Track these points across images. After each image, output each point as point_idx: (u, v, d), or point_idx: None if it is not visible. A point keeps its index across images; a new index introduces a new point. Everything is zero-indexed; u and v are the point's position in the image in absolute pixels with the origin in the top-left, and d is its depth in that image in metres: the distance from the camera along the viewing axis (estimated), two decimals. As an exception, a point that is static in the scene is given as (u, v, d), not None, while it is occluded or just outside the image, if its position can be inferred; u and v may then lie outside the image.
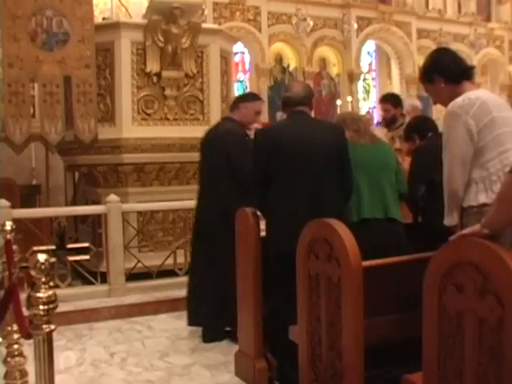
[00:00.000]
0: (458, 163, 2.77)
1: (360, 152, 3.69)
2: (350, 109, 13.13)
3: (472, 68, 3.06)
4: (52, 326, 2.17)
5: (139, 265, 5.73)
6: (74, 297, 5.39)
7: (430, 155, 3.75)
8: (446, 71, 2.96)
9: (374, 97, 16.97)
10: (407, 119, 5.95)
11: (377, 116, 15.33)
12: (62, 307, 3.17)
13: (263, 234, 3.65)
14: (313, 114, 3.88)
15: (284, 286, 3.24)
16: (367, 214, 3.60)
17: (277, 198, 3.51)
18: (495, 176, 2.72)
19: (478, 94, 2.87)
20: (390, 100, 6.30)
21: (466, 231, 2.37)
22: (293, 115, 3.66)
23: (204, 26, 6.51)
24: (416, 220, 4.29)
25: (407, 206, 4.21)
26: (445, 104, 3.07)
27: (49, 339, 2.16)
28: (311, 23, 13.68)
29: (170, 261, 5.80)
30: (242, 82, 14.93)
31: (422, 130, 4.48)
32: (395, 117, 6.17)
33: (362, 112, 14.68)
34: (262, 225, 3.67)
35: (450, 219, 2.87)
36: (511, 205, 2.18)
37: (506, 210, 2.21)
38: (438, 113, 13.03)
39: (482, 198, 2.72)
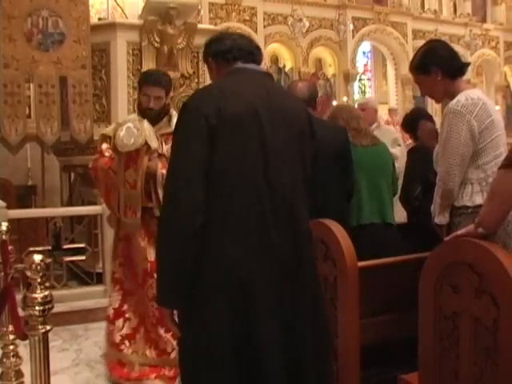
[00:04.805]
0: (457, 163, 2.76)
1: (361, 154, 3.64)
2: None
3: (467, 65, 3.04)
4: (48, 327, 2.17)
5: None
6: (70, 297, 5.38)
7: (426, 155, 3.75)
8: (444, 64, 2.91)
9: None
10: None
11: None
12: (58, 308, 3.17)
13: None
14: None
15: None
16: (366, 220, 3.59)
17: None
18: (491, 178, 2.73)
19: (478, 95, 2.86)
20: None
21: (460, 232, 2.37)
22: None
23: (200, 26, 6.51)
24: (411, 220, 4.30)
25: (402, 205, 4.22)
26: (436, 98, 3.07)
27: (44, 340, 2.16)
28: (307, 24, 13.68)
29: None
30: (237, 82, 14.93)
31: (416, 129, 4.46)
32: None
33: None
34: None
35: (442, 218, 2.87)
36: (502, 200, 2.18)
37: (497, 205, 2.20)
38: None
39: (478, 200, 2.73)
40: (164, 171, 3.20)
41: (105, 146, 3.78)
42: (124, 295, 3.78)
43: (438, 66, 2.92)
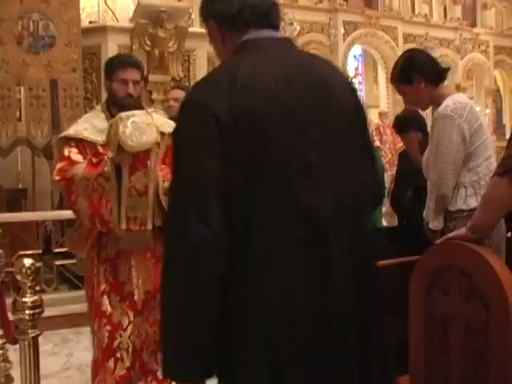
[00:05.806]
0: (450, 167, 2.77)
1: None
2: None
3: (447, 70, 3.07)
4: (38, 331, 2.16)
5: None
6: (61, 301, 5.35)
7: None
8: (426, 71, 2.93)
9: (361, 101, 17.08)
10: None
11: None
12: (49, 312, 3.15)
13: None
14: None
15: None
16: None
17: None
18: (483, 181, 2.75)
19: (464, 99, 2.90)
20: None
21: (451, 235, 2.38)
22: None
23: (191, 29, 6.51)
24: (401, 223, 4.30)
25: (393, 209, 4.22)
26: (421, 106, 3.11)
27: (35, 344, 2.16)
28: (298, 27, 13.71)
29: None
30: (229, 85, 14.93)
31: (406, 131, 4.37)
32: None
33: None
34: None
35: (436, 223, 2.87)
36: (495, 206, 2.19)
37: (490, 211, 2.22)
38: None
39: (473, 203, 2.74)
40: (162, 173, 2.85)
41: (74, 150, 3.10)
42: (113, 331, 3.09)
43: (419, 74, 2.93)
